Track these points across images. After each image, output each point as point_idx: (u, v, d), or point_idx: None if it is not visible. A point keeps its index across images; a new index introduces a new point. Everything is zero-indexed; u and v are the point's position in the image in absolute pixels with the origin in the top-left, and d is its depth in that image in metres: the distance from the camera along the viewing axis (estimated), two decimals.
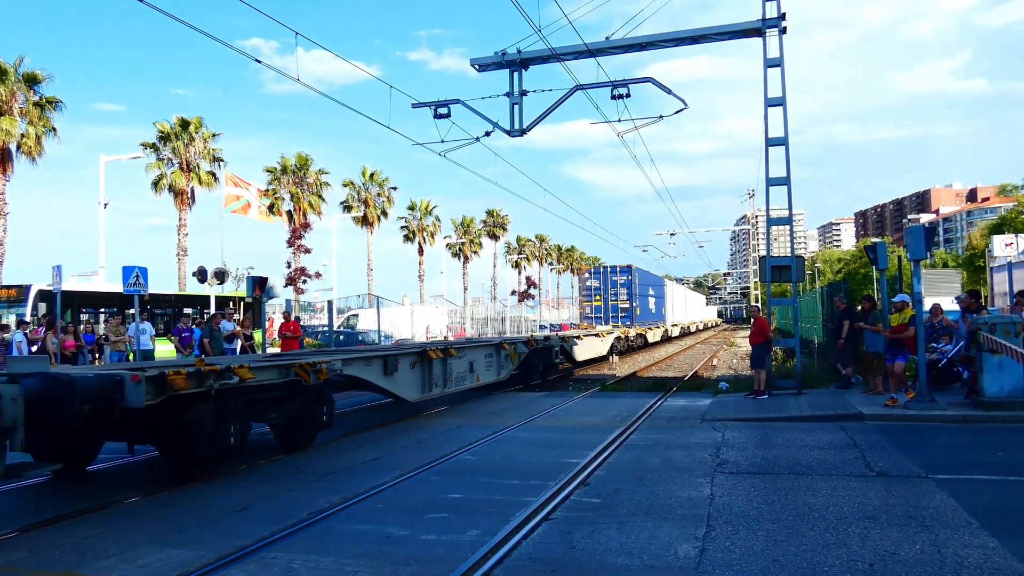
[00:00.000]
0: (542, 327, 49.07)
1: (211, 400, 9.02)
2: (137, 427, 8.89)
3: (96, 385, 7.86)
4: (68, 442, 8.94)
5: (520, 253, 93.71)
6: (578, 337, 27.51)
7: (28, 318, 21.87)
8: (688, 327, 61.44)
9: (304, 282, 49.70)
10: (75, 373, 8.23)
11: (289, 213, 48.92)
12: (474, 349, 17.41)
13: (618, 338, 34.03)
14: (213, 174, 40.99)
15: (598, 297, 39.73)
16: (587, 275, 42.09)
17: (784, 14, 16.10)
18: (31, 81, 32.50)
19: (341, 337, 33.02)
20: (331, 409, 11.80)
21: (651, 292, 44.76)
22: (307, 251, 49.89)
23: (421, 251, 64.66)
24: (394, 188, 58.04)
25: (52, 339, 17.66)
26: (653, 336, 43.61)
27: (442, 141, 18.93)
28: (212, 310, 25.60)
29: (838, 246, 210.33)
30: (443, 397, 15.90)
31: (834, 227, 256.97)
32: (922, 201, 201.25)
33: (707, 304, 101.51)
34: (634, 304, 39.59)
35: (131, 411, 8.07)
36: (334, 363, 11.64)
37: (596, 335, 30.51)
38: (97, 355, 19.25)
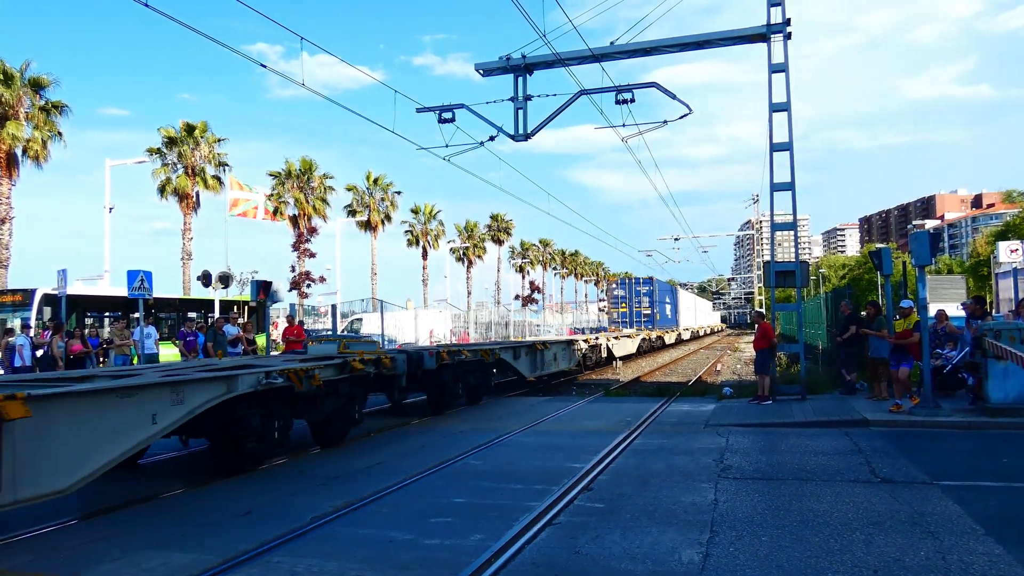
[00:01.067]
0: (584, 330, 54.88)
1: (452, 368, 15.62)
2: (416, 383, 14.75)
3: (416, 356, 14.41)
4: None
5: (524, 258, 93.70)
6: (616, 338, 34.79)
7: (33, 322, 21.93)
8: (697, 331, 67.62)
9: (308, 286, 49.78)
10: (410, 349, 16.07)
11: (293, 218, 49.02)
12: (556, 344, 24.55)
13: (644, 339, 40.24)
14: (218, 178, 41.10)
15: (624, 305, 46.18)
16: (614, 286, 49.65)
17: (789, 19, 16.11)
18: (37, 86, 32.61)
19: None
20: (493, 381, 19.17)
21: (667, 300, 51.03)
22: (312, 255, 49.99)
23: (425, 255, 64.71)
24: (398, 192, 58.15)
25: (59, 343, 17.69)
26: (669, 338, 49.21)
27: (446, 146, 18.96)
28: (216, 314, 25.65)
29: (843, 252, 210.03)
30: (543, 376, 22.43)
31: (839, 232, 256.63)
32: (927, 207, 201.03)
33: (713, 310, 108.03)
34: (655, 311, 46.00)
35: (395, 375, 13.72)
36: (497, 350, 18.65)
37: (629, 336, 37.64)
38: (102, 359, 19.29)
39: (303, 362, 11.12)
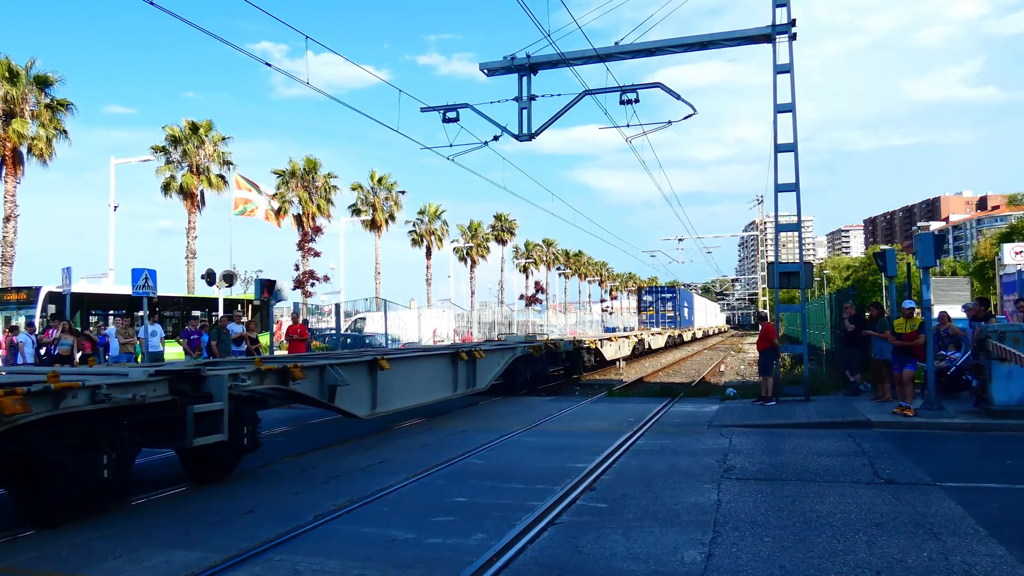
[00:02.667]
0: (608, 330, 61.20)
1: (581, 350, 26.36)
2: (557, 361, 23.59)
3: (565, 343, 24.45)
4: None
5: (528, 258, 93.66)
6: (652, 335, 44.84)
7: (37, 320, 21.98)
8: (708, 331, 79.06)
9: (312, 285, 49.85)
10: (557, 340, 25.99)
11: (297, 217, 49.06)
12: (621, 338, 34.70)
13: (669, 336, 50.81)
14: (223, 177, 41.18)
15: (651, 309, 57.30)
16: (644, 293, 62.35)
17: (794, 20, 16.09)
18: (42, 83, 32.69)
19: (348, 340, 33.04)
20: (593, 360, 29.19)
21: (686, 304, 61.72)
22: (316, 254, 50.04)
23: (429, 255, 64.79)
24: (402, 192, 58.20)
25: (63, 340, 17.74)
26: (687, 336, 60.12)
27: (450, 145, 18.95)
28: (220, 312, 25.69)
29: (847, 253, 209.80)
30: (617, 358, 32.84)
31: (843, 234, 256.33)
32: (932, 209, 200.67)
33: (721, 311, 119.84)
34: (676, 313, 56.88)
35: (560, 352, 23.22)
36: (597, 339, 29.31)
37: (659, 334, 47.70)
38: (106, 356, 19.33)
39: (531, 344, 20.70)
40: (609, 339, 32.15)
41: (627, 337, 36.48)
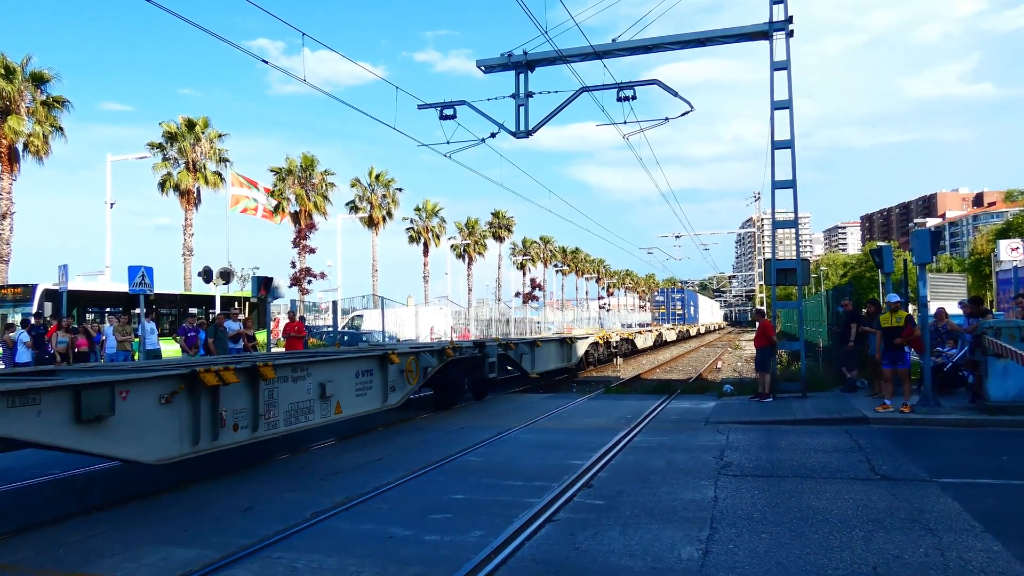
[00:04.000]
0: (624, 328, 69.87)
1: (621, 340, 35.55)
2: (610, 347, 33.48)
3: (609, 335, 34.12)
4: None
5: (525, 255, 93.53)
6: (666, 330, 55.00)
7: (33, 318, 21.93)
8: (709, 327, 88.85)
9: (309, 282, 49.73)
10: (610, 332, 36.55)
11: (294, 214, 48.96)
12: (646, 332, 45.18)
13: (679, 331, 61.41)
14: (219, 174, 41.02)
15: (663, 308, 68.06)
16: (656, 294, 75.46)
17: (791, 17, 16.09)
18: (38, 80, 32.56)
19: (346, 338, 33.02)
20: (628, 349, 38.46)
21: (692, 303, 73.12)
22: (312, 251, 49.93)
23: (426, 252, 64.67)
24: (399, 189, 58.02)
25: (62, 337, 17.72)
26: (693, 331, 70.38)
27: (448, 142, 18.93)
28: (217, 310, 25.66)
29: (844, 250, 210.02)
30: (645, 347, 43.20)
31: (840, 231, 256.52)
32: (928, 205, 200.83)
33: (720, 309, 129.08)
34: (684, 312, 67.82)
35: (612, 341, 33.51)
36: (631, 334, 39.41)
37: (672, 329, 58.25)
38: (102, 353, 19.30)
39: (598, 335, 29.89)
40: (640, 332, 43.38)
41: (651, 331, 48.56)
